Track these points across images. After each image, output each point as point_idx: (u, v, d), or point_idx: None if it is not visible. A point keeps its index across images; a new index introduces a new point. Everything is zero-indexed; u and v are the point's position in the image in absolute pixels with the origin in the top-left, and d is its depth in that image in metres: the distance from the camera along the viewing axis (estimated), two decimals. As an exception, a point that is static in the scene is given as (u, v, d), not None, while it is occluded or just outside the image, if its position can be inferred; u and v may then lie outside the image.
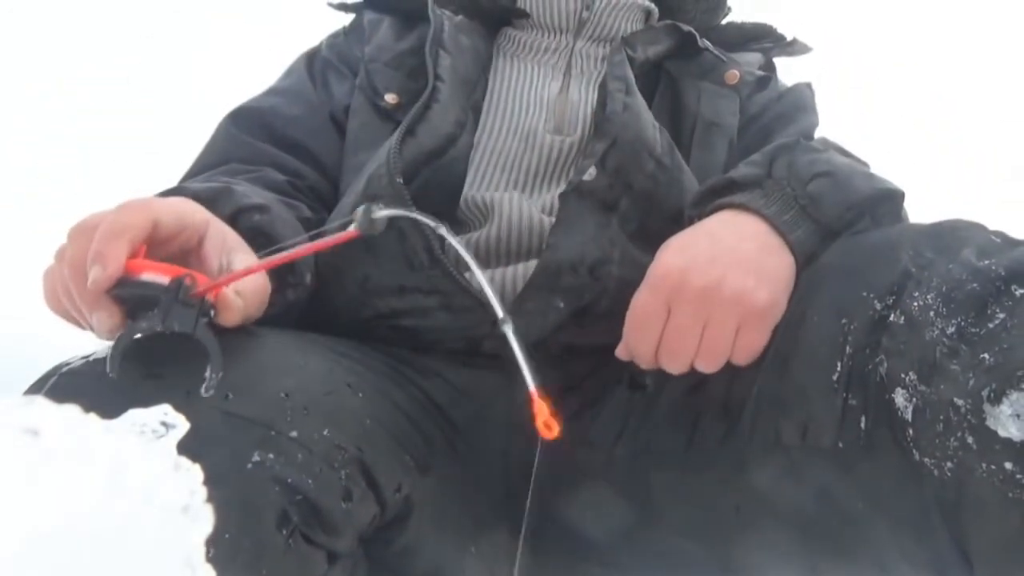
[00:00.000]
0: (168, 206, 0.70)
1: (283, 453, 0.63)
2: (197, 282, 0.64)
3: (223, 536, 0.57)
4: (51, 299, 0.70)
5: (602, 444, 0.84)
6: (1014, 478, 0.57)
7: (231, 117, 1.05)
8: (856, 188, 0.81)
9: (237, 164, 0.96)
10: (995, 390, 0.59)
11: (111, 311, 0.64)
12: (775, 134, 1.04)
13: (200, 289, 0.64)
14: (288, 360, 0.72)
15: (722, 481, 0.76)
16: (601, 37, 1.08)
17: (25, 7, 2.21)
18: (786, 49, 1.16)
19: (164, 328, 0.63)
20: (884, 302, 0.68)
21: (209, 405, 0.62)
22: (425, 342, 0.87)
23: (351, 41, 1.13)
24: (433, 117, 0.94)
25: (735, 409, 0.75)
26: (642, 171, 0.89)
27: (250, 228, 0.80)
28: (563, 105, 1.02)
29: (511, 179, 0.97)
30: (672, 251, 0.78)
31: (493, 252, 0.90)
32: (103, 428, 0.48)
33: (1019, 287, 0.62)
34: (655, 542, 0.82)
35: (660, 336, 0.76)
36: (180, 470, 0.48)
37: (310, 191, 0.99)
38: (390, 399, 0.78)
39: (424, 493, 0.77)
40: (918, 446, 0.63)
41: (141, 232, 0.65)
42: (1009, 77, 2.30)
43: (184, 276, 0.64)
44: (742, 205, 0.80)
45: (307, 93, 1.08)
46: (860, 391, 0.68)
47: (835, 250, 0.77)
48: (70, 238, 0.67)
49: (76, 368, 0.66)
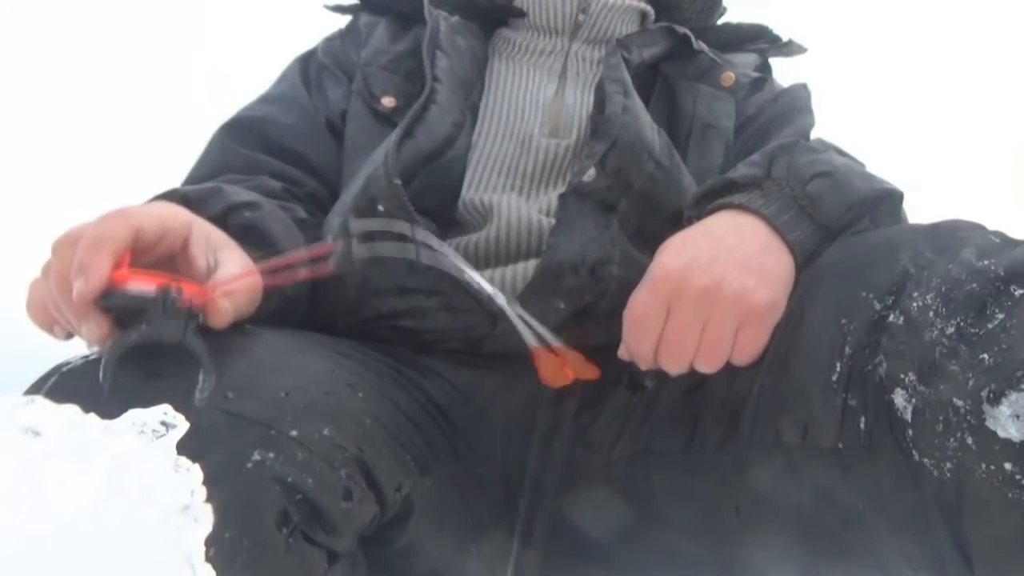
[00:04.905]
0: (149, 213, 0.70)
1: (283, 452, 0.63)
2: (183, 290, 0.65)
3: (223, 536, 0.57)
4: (35, 310, 0.70)
5: (602, 445, 0.84)
6: (1014, 478, 0.57)
7: (225, 129, 1.04)
8: (855, 188, 0.81)
9: (233, 175, 0.96)
10: (994, 390, 0.59)
11: (99, 321, 0.65)
12: (772, 135, 1.04)
13: (186, 298, 0.65)
14: (288, 360, 0.72)
15: (722, 482, 0.76)
16: (597, 39, 1.08)
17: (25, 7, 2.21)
18: (782, 50, 1.16)
19: (153, 340, 0.63)
20: (884, 302, 0.68)
21: (209, 404, 0.62)
22: (425, 342, 0.87)
23: (347, 44, 1.12)
24: (431, 119, 0.94)
25: (735, 409, 0.75)
26: (642, 172, 0.89)
27: (241, 225, 0.80)
28: (559, 108, 1.02)
29: (508, 182, 0.97)
30: (672, 251, 0.78)
31: (492, 253, 0.90)
32: (103, 428, 0.48)
33: (1018, 287, 0.62)
34: (655, 542, 0.82)
35: (660, 336, 0.76)
36: (180, 470, 0.48)
37: (308, 198, 0.99)
38: (390, 399, 0.78)
39: (424, 493, 0.77)
40: (918, 446, 0.63)
41: (123, 242, 0.65)
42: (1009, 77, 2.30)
43: (170, 286, 0.64)
44: (741, 205, 0.80)
45: (301, 100, 1.07)
46: (860, 391, 0.68)
47: (834, 250, 0.77)
48: (54, 251, 0.67)
49: (76, 368, 0.66)
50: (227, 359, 0.66)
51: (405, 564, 0.80)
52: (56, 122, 2.14)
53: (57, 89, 2.19)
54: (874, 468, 0.67)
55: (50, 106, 2.17)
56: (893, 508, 0.67)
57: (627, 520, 0.82)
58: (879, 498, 0.67)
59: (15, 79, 2.15)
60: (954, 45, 2.35)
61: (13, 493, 0.42)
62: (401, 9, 1.11)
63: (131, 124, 2.14)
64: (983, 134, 2.31)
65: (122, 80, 2.20)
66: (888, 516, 0.68)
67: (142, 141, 2.07)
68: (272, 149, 1.01)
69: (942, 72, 2.33)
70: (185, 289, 0.65)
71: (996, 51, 2.33)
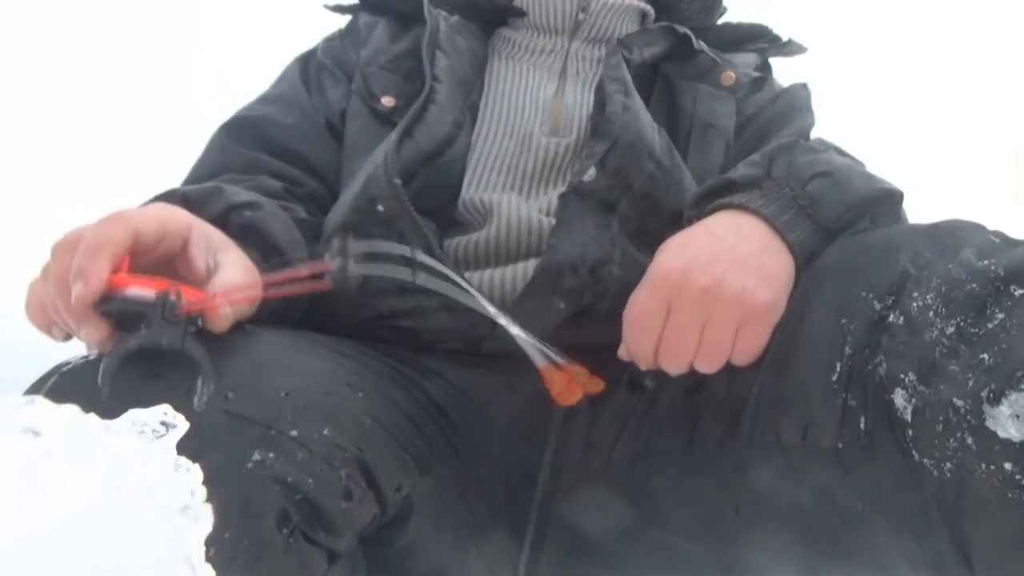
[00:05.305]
0: (148, 215, 0.70)
1: (283, 452, 0.63)
2: (182, 295, 0.65)
3: (223, 536, 0.57)
4: (34, 311, 0.70)
5: (602, 445, 0.84)
6: (1014, 478, 0.57)
7: (225, 128, 1.04)
8: (855, 188, 0.81)
9: (233, 175, 0.96)
10: (994, 390, 0.59)
11: (98, 325, 0.64)
12: (772, 135, 1.04)
13: (185, 306, 0.64)
14: (288, 360, 0.72)
15: (722, 482, 0.76)
16: (597, 38, 1.08)
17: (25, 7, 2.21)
18: (782, 49, 1.16)
19: (152, 345, 0.63)
20: (884, 302, 0.68)
21: (209, 405, 0.62)
22: (425, 342, 0.87)
23: (346, 44, 1.12)
24: (430, 118, 0.94)
25: (735, 409, 0.75)
26: (642, 172, 0.89)
27: (241, 225, 0.80)
28: (559, 107, 1.02)
29: (508, 181, 0.97)
30: (672, 251, 0.78)
31: (492, 253, 0.90)
32: (103, 428, 0.48)
33: (1018, 287, 0.62)
34: (655, 542, 0.82)
35: (660, 336, 0.76)
36: (180, 470, 0.48)
37: (309, 198, 0.98)
38: (390, 399, 0.78)
39: (424, 493, 0.77)
40: (918, 447, 0.63)
41: (122, 245, 0.65)
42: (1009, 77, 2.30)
43: (169, 292, 0.64)
44: (741, 205, 0.80)
45: (301, 100, 1.07)
46: (860, 391, 0.68)
47: (834, 250, 0.77)
48: (53, 254, 0.67)
49: (76, 368, 0.66)
50: (227, 359, 0.66)
51: (405, 564, 0.80)
52: (56, 122, 2.14)
53: (57, 89, 2.19)
54: (874, 468, 0.67)
55: (50, 106, 2.17)
56: (893, 508, 0.67)
57: (627, 520, 0.82)
58: (879, 498, 0.67)
59: (15, 79, 2.15)
60: (954, 45, 2.34)
61: (13, 493, 0.42)
62: (401, 9, 1.11)
63: (131, 124, 2.14)
64: (983, 134, 2.31)
65: (122, 80, 2.20)
66: (888, 516, 0.68)
67: (142, 141, 2.07)
68: (272, 149, 1.01)
69: (942, 72, 2.33)
70: (184, 294, 0.65)
71: (996, 51, 2.33)
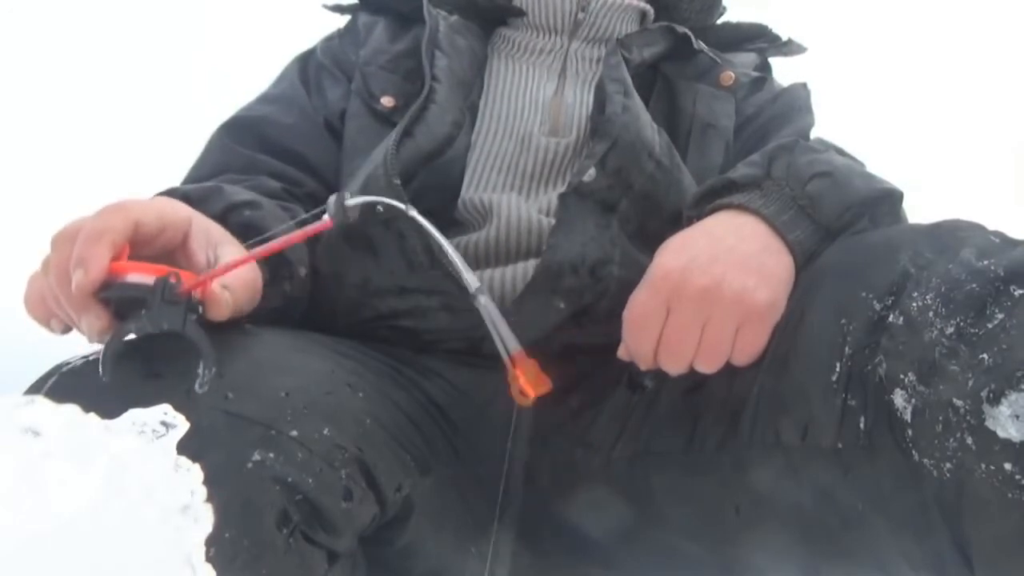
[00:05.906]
0: (148, 206, 0.70)
1: (283, 452, 0.63)
2: (182, 280, 0.65)
3: (223, 536, 0.57)
4: (33, 304, 0.70)
5: (602, 445, 0.84)
6: (1014, 478, 0.57)
7: (224, 128, 1.04)
8: (855, 188, 0.81)
9: (232, 175, 0.96)
10: (994, 391, 0.59)
11: (99, 314, 0.64)
12: (771, 135, 1.04)
13: (185, 286, 0.64)
14: (288, 360, 0.72)
15: (722, 482, 0.76)
16: (596, 38, 1.08)
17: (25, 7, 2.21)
18: (781, 49, 1.16)
19: (152, 328, 0.63)
20: (883, 302, 0.68)
21: (209, 405, 0.62)
22: (425, 342, 0.87)
23: (346, 44, 1.12)
24: (430, 118, 0.94)
25: (735, 409, 0.75)
26: (642, 172, 0.89)
27: (241, 224, 0.80)
28: (558, 107, 1.02)
29: (508, 181, 0.97)
30: (671, 251, 0.78)
31: (492, 253, 0.90)
32: (103, 428, 0.48)
33: (1018, 287, 0.62)
34: (655, 543, 0.82)
35: (659, 336, 0.76)
36: (180, 470, 0.48)
37: (308, 198, 0.98)
38: (390, 399, 0.78)
39: (424, 493, 0.78)
40: (917, 447, 0.63)
41: (122, 234, 0.65)
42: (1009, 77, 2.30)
43: (168, 275, 0.64)
44: (741, 205, 0.80)
45: (300, 100, 1.07)
46: (859, 391, 0.68)
47: (834, 250, 0.77)
48: (53, 245, 0.67)
49: (76, 368, 0.66)
50: (227, 359, 0.66)
51: (405, 564, 0.80)
52: (56, 122, 2.14)
53: (57, 89, 2.19)
54: (874, 468, 0.67)
55: (50, 106, 2.17)
56: (893, 508, 0.67)
57: (627, 520, 0.82)
58: (879, 498, 0.67)
59: (15, 79, 2.15)
60: (954, 45, 2.34)
61: (13, 493, 0.42)
62: (400, 9, 1.11)
63: (131, 124, 2.14)
64: (983, 134, 2.31)
65: (122, 80, 2.20)
66: (888, 516, 0.68)
67: (142, 141, 2.07)
68: (271, 149, 1.01)
69: (942, 72, 2.33)
70: (184, 278, 0.65)
71: (996, 51, 2.33)
